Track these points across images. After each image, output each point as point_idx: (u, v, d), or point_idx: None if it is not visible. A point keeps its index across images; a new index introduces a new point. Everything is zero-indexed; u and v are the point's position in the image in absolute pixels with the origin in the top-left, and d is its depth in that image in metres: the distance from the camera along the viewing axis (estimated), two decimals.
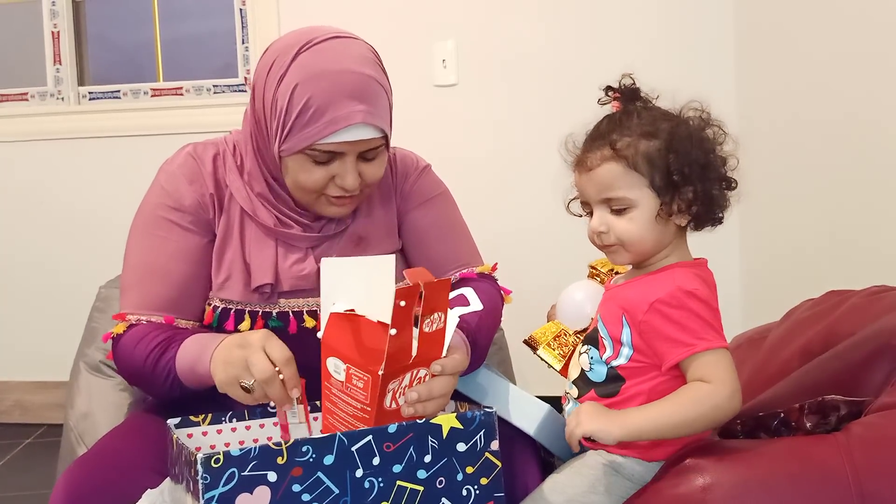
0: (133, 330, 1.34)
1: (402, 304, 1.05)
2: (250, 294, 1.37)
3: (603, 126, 1.25)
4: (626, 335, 1.23)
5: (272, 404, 1.19)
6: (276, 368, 1.13)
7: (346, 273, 1.16)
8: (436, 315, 1.11)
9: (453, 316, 1.15)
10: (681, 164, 1.19)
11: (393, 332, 1.05)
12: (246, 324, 1.35)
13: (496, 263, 1.52)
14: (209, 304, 1.38)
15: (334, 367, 1.11)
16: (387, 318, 1.05)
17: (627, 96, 1.27)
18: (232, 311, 1.36)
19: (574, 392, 1.30)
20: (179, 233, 1.37)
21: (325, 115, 1.27)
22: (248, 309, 1.37)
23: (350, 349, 1.10)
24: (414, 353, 1.10)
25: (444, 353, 1.15)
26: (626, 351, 1.23)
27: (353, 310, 1.14)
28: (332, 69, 1.29)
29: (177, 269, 1.36)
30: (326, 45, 1.32)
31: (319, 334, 1.14)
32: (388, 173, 1.50)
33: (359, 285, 1.15)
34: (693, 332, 1.17)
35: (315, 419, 1.23)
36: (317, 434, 1.14)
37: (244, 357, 1.15)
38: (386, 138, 1.36)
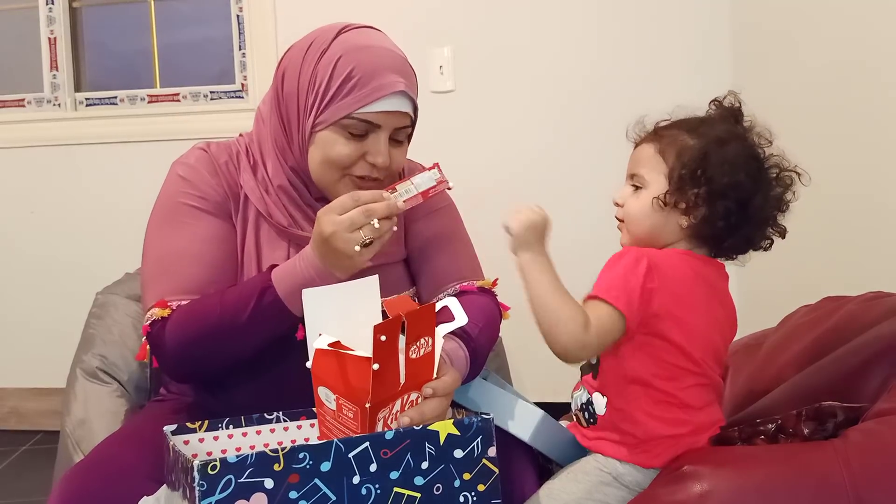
0: (183, 307, 1.30)
1: (383, 338, 1.05)
2: None
3: (675, 118, 1.30)
4: None
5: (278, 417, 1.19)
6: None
7: (328, 301, 1.14)
8: (422, 340, 1.11)
9: (439, 335, 1.14)
10: (698, 165, 1.22)
11: (376, 366, 1.05)
12: None
13: (497, 279, 1.52)
14: None
15: (325, 395, 1.11)
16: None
17: (725, 111, 1.31)
18: None
19: (580, 375, 1.35)
20: (207, 218, 1.36)
21: (370, 83, 1.30)
22: None
23: (337, 381, 1.10)
24: (402, 379, 1.10)
25: (434, 375, 1.15)
26: None
27: (338, 342, 1.12)
28: (376, 45, 1.34)
29: (209, 252, 1.34)
30: (365, 29, 1.38)
31: (308, 364, 1.13)
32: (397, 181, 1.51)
33: (343, 312, 1.14)
34: (605, 280, 1.22)
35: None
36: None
37: (343, 222, 1.18)
38: (413, 125, 1.40)
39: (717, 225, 1.23)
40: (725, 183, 1.21)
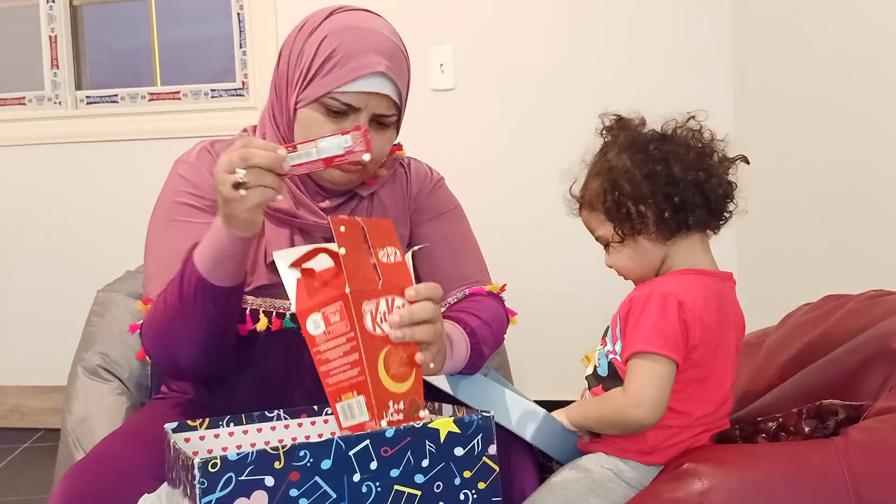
0: (151, 305, 1.31)
1: (343, 228, 1.06)
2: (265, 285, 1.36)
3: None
4: (618, 328, 1.28)
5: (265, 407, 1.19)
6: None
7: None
8: (389, 249, 1.12)
9: (409, 256, 1.16)
10: (613, 191, 1.27)
11: (342, 251, 1.05)
12: (262, 323, 1.33)
13: (504, 285, 1.50)
14: None
15: (314, 324, 1.09)
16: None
17: (618, 129, 1.34)
18: (247, 311, 1.34)
19: (585, 386, 1.35)
20: (203, 216, 1.36)
21: (351, 62, 1.30)
22: (262, 309, 1.35)
23: (316, 297, 1.09)
24: (380, 279, 1.10)
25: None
26: (619, 345, 1.27)
27: (303, 255, 1.12)
28: (364, 26, 1.34)
29: None
30: (360, 12, 1.37)
31: (292, 308, 1.11)
32: (403, 182, 1.50)
33: None
34: (639, 333, 1.22)
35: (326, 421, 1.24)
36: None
37: (224, 159, 1.11)
38: (399, 114, 1.38)
39: (669, 215, 1.25)
40: (637, 187, 1.25)
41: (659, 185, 1.24)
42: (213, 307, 1.23)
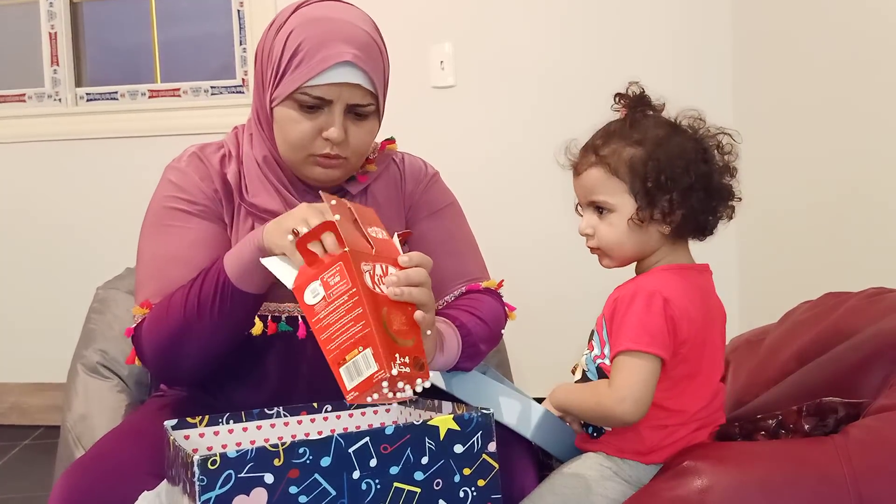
0: (153, 308, 1.31)
1: (333, 202, 1.11)
2: None
3: (597, 133, 1.29)
4: (605, 332, 1.26)
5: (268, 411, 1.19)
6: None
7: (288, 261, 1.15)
8: (376, 228, 1.16)
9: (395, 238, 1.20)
10: (658, 173, 1.21)
11: (337, 217, 1.09)
12: (258, 328, 1.32)
13: (502, 280, 1.50)
14: None
15: (312, 294, 1.09)
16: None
17: (635, 103, 1.28)
18: None
19: None
20: (196, 221, 1.36)
21: (317, 55, 1.28)
22: (257, 313, 1.35)
23: (312, 270, 1.10)
24: (373, 247, 1.13)
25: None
26: (607, 349, 1.26)
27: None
28: (330, 17, 1.32)
29: (197, 256, 1.33)
30: (328, 2, 1.35)
31: (289, 285, 1.12)
32: (397, 178, 1.49)
33: None
34: (625, 332, 1.21)
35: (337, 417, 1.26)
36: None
37: (301, 214, 1.15)
38: (377, 102, 1.35)
39: (700, 218, 1.24)
40: (689, 177, 1.21)
41: (706, 187, 1.22)
42: (240, 311, 1.26)
